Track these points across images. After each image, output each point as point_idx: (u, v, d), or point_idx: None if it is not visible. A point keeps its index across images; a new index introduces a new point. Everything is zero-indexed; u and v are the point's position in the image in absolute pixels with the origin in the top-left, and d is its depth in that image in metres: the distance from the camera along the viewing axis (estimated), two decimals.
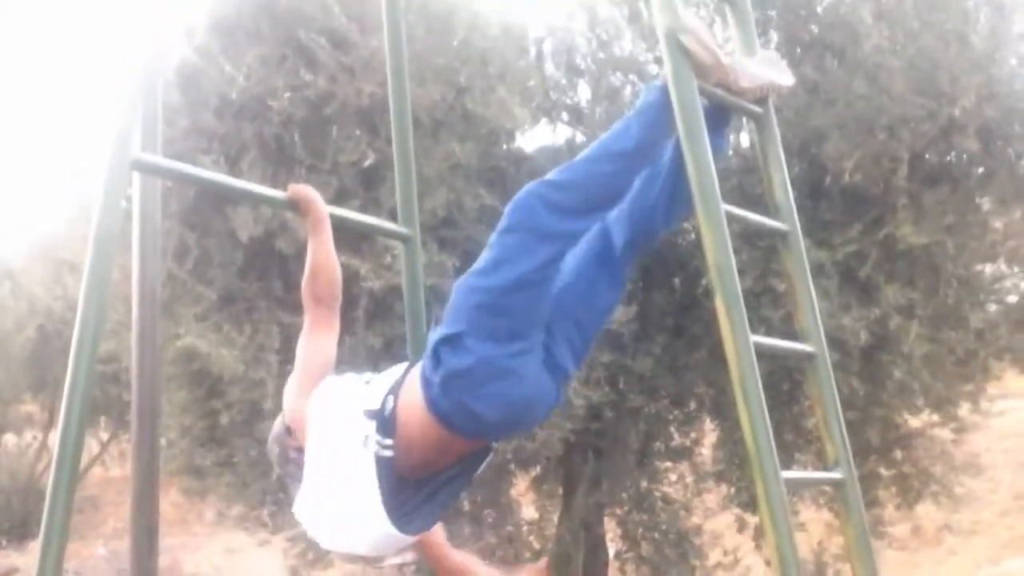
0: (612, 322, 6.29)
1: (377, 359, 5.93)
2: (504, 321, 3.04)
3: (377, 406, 3.11)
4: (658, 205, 3.29)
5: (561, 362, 3.23)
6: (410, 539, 3.18)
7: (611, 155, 3.14)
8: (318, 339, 3.45)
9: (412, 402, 3.11)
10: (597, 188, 3.12)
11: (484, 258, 3.11)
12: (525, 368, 3.09)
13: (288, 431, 3.35)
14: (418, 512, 3.17)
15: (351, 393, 3.21)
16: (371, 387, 3.20)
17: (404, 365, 3.31)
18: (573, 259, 3.28)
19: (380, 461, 3.06)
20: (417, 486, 3.16)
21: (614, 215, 3.33)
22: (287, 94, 6.13)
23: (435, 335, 3.14)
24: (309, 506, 3.18)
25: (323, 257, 3.53)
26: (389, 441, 3.07)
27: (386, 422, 3.09)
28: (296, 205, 3.62)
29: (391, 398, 3.12)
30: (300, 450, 3.28)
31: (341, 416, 3.16)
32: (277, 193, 3.71)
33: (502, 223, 3.10)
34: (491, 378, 3.04)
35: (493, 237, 3.12)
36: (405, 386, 3.16)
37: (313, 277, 3.51)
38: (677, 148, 3.11)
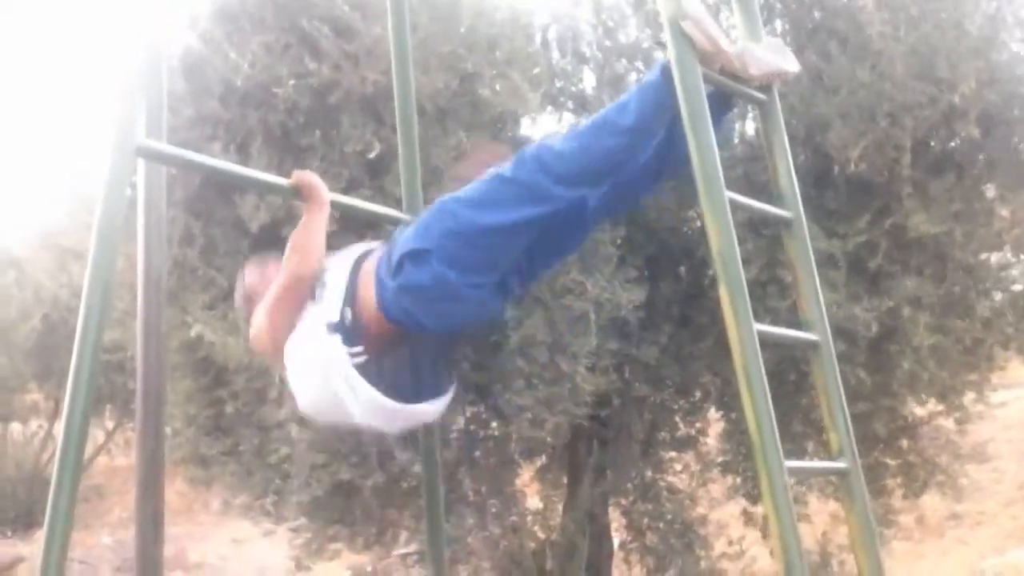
0: (618, 310, 6.28)
1: None
2: (470, 255, 3.23)
3: (336, 318, 3.33)
4: (642, 174, 3.38)
5: (510, 285, 3.48)
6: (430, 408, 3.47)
7: (609, 130, 3.21)
8: (292, 302, 3.54)
9: (366, 297, 3.35)
10: (594, 161, 3.22)
11: (474, 190, 3.24)
12: (476, 296, 3.30)
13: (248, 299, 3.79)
14: (410, 378, 3.44)
15: (310, 315, 3.42)
16: (324, 299, 3.42)
17: (347, 261, 3.46)
18: None
19: (360, 368, 3.30)
20: (393, 356, 3.39)
21: None
22: (291, 82, 6.12)
23: (402, 245, 3.25)
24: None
25: (313, 234, 3.56)
26: (358, 348, 3.31)
27: (349, 331, 3.30)
28: (299, 192, 3.63)
29: (348, 310, 3.34)
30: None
31: (310, 339, 3.38)
32: (281, 180, 3.72)
33: (502, 170, 3.20)
34: (442, 299, 3.25)
35: (489, 177, 3.23)
36: (359, 286, 3.40)
37: (300, 250, 3.55)
38: (675, 119, 3.13)
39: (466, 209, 3.21)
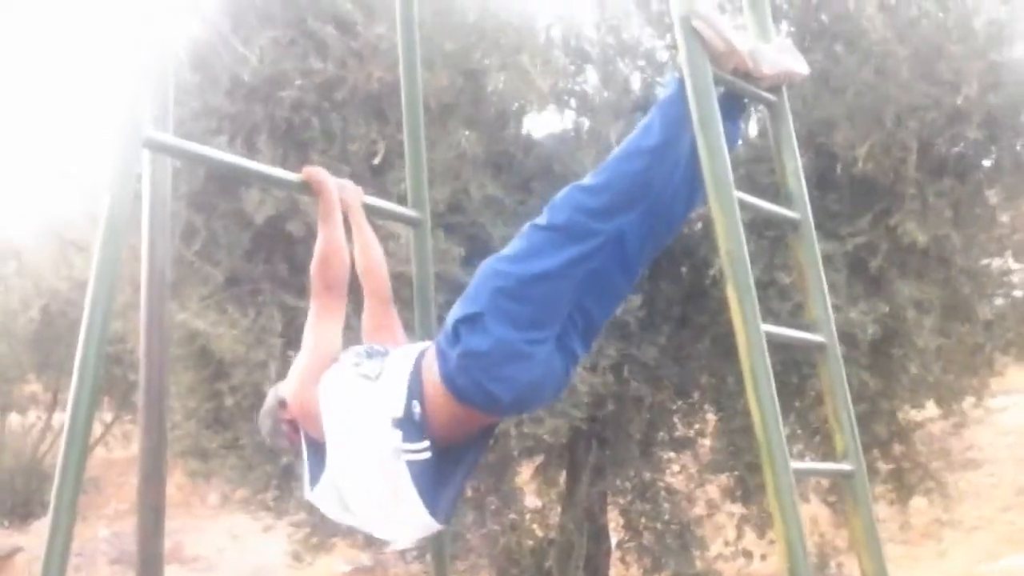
0: (619, 311, 6.28)
1: None
2: (523, 309, 3.14)
3: (401, 413, 3.20)
4: (679, 194, 3.34)
5: (571, 346, 3.35)
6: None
7: (638, 153, 3.19)
8: (327, 326, 3.48)
9: (430, 379, 3.22)
10: (627, 187, 3.19)
11: (514, 246, 3.23)
12: (539, 353, 3.19)
13: (281, 404, 3.45)
14: (447, 491, 3.29)
15: (368, 397, 3.27)
16: (385, 386, 3.27)
17: (412, 353, 3.38)
18: None
19: (413, 466, 3.17)
20: (445, 461, 3.27)
21: None
22: (297, 81, 6.12)
23: (454, 313, 3.24)
24: (341, 501, 3.31)
25: (333, 242, 3.54)
26: (424, 443, 3.18)
27: (415, 427, 3.19)
28: (309, 188, 3.63)
29: (416, 403, 3.21)
30: (294, 426, 3.42)
31: (365, 424, 3.24)
32: (290, 175, 3.70)
33: (539, 219, 3.19)
34: (506, 361, 3.15)
35: (527, 229, 3.23)
36: (424, 374, 3.25)
37: (324, 262, 3.52)
38: (695, 136, 3.12)
39: (510, 265, 3.18)
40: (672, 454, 8.14)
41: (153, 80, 3.51)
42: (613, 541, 8.17)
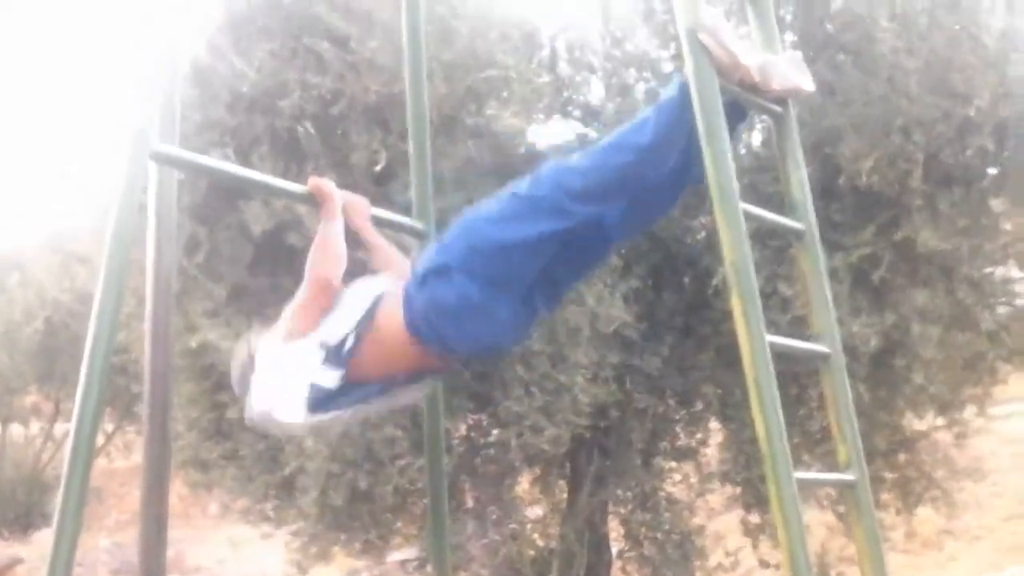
0: (620, 324, 6.27)
1: None
2: (492, 269, 3.27)
3: (333, 341, 3.39)
4: (662, 188, 3.41)
5: (535, 303, 3.51)
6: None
7: (626, 148, 3.23)
8: (316, 311, 3.52)
9: (386, 317, 3.40)
10: (610, 177, 3.26)
11: (494, 208, 3.36)
12: (501, 312, 3.35)
13: (251, 361, 3.62)
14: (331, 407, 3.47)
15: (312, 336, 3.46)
16: (336, 316, 3.46)
17: (371, 291, 3.53)
18: None
19: (315, 387, 3.37)
20: (346, 392, 3.45)
21: None
22: (297, 93, 6.13)
23: (427, 259, 3.42)
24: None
25: (333, 236, 3.58)
26: (339, 373, 3.37)
27: (339, 358, 3.38)
28: (315, 198, 3.65)
29: (353, 336, 3.39)
30: None
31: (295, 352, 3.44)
32: (296, 186, 3.72)
33: (520, 187, 3.27)
34: (469, 316, 3.31)
35: (508, 194, 3.36)
36: (380, 313, 3.42)
37: (323, 251, 3.56)
38: (692, 135, 3.14)
39: (487, 225, 3.30)
40: (674, 464, 8.13)
41: (159, 94, 3.52)
42: (614, 551, 8.16)
